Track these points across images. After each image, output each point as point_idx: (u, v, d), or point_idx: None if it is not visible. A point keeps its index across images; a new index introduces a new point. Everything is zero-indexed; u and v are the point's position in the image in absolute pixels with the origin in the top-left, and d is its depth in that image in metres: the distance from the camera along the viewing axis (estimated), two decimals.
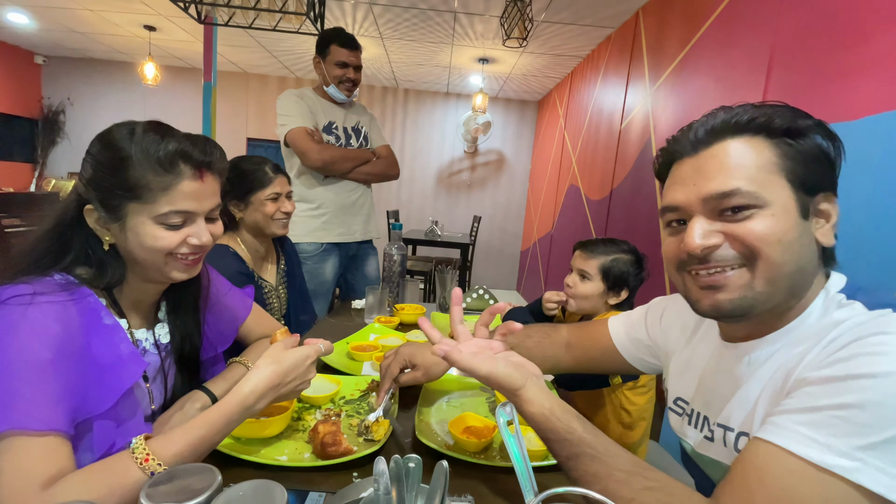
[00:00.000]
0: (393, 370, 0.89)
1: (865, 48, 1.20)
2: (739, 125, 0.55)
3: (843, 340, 0.48)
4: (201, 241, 0.71)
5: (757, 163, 0.53)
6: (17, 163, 5.14)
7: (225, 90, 5.15)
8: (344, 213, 1.97)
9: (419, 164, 5.62)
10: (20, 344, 0.56)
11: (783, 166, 0.53)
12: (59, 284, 0.64)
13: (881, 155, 1.12)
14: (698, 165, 0.56)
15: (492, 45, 3.68)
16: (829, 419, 0.44)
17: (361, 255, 2.10)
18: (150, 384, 0.76)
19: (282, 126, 1.88)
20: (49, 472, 0.53)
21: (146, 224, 0.66)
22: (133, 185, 0.65)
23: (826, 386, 0.46)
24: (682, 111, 2.15)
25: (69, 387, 0.59)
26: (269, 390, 0.66)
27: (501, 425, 0.58)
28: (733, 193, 0.52)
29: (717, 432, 0.60)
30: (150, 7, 3.47)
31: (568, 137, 4.09)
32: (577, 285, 1.29)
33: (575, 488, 0.44)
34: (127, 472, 0.55)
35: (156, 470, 0.56)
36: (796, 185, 0.53)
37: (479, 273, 5.71)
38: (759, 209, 0.52)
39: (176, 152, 0.66)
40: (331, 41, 1.91)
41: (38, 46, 4.94)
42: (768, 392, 0.54)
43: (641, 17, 2.74)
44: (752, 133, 0.54)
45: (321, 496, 0.63)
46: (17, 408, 0.54)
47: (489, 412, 0.91)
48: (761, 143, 0.54)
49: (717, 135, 0.55)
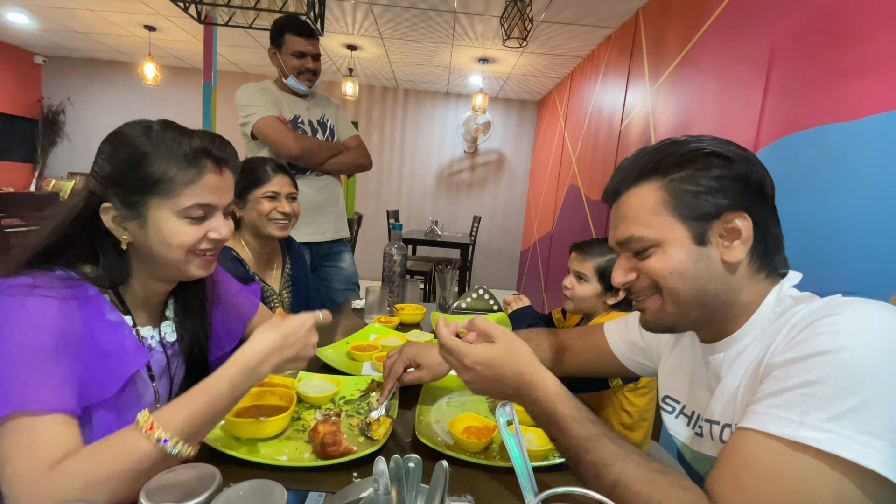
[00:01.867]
0: (397, 369, 0.89)
1: (865, 48, 1.20)
2: (630, 177, 0.62)
3: (801, 325, 0.52)
4: (221, 235, 0.72)
5: (646, 207, 0.60)
6: (17, 163, 5.14)
7: (225, 90, 5.14)
8: (314, 212, 1.87)
9: (419, 164, 5.61)
10: (19, 332, 0.56)
11: (670, 204, 0.59)
12: (61, 279, 0.63)
13: (881, 155, 1.12)
14: (613, 215, 0.66)
15: (492, 45, 3.68)
16: (798, 398, 0.47)
17: (335, 252, 2.00)
18: (155, 382, 0.75)
19: (247, 117, 1.76)
20: (57, 451, 0.53)
21: (169, 219, 0.67)
22: (157, 179, 0.66)
23: (790, 367, 0.50)
24: (683, 111, 2.15)
25: (72, 372, 0.59)
26: (272, 352, 0.65)
27: (501, 425, 0.58)
28: (630, 240, 0.62)
29: (705, 427, 0.64)
30: (150, 7, 3.47)
31: (568, 137, 4.09)
32: (574, 287, 1.29)
33: (575, 488, 0.44)
34: (134, 444, 0.55)
35: (161, 437, 0.55)
36: (686, 218, 0.58)
37: (479, 273, 5.71)
38: (655, 248, 0.60)
39: (200, 148, 0.68)
40: (285, 30, 1.80)
41: (38, 46, 4.94)
42: (745, 384, 0.58)
43: (641, 17, 2.74)
44: (645, 178, 0.61)
45: (321, 496, 0.63)
46: (19, 391, 0.54)
47: (489, 412, 0.91)
48: (651, 188, 0.60)
49: (620, 189, 0.64)
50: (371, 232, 5.52)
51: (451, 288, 1.69)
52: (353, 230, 3.40)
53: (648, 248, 0.60)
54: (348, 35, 3.75)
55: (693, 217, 0.58)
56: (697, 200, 0.58)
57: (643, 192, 0.61)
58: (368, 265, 5.50)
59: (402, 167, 5.61)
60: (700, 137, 0.61)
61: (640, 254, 0.61)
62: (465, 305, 1.75)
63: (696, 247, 0.58)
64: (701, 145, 0.59)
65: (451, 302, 1.72)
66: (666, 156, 0.60)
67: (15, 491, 0.52)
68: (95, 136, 5.33)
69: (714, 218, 0.58)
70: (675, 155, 0.59)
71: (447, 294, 1.68)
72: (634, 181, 0.62)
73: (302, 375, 0.97)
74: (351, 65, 4.56)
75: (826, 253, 1.24)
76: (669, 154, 0.60)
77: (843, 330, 0.47)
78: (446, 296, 1.68)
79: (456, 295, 1.77)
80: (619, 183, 0.64)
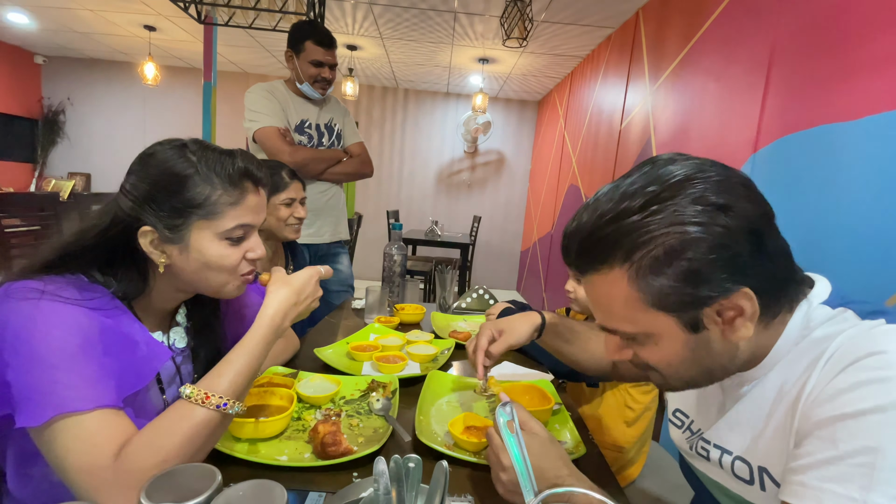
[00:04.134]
0: (482, 343, 0.88)
1: (865, 48, 1.20)
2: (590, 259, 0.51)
3: (839, 361, 0.45)
4: (258, 255, 0.73)
5: (619, 301, 0.50)
6: (17, 163, 5.14)
7: (225, 90, 5.15)
8: (315, 216, 1.90)
9: (419, 164, 5.62)
10: (43, 334, 0.55)
11: (648, 300, 0.49)
12: (72, 283, 0.63)
13: (881, 155, 1.12)
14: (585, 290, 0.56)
15: (492, 45, 3.68)
16: (854, 469, 0.41)
17: (332, 254, 2.03)
18: (165, 394, 0.73)
19: (251, 122, 1.80)
20: (115, 442, 0.54)
21: (212, 242, 0.67)
22: (202, 201, 0.66)
23: (837, 426, 0.43)
24: (683, 111, 2.15)
25: (103, 366, 0.58)
26: (290, 308, 0.72)
27: (501, 425, 0.58)
28: (616, 332, 0.55)
29: (713, 452, 0.59)
30: (150, 7, 3.47)
31: (568, 137, 4.09)
32: (577, 290, 1.30)
33: (575, 488, 0.44)
34: (192, 415, 0.58)
35: (219, 403, 0.60)
36: (670, 311, 0.49)
37: (479, 273, 5.71)
38: (645, 339, 0.53)
39: (243, 169, 0.69)
40: (306, 37, 1.81)
41: (38, 46, 4.94)
42: (775, 421, 0.51)
43: (641, 17, 2.74)
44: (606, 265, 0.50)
45: (321, 496, 0.63)
46: (59, 394, 0.54)
47: (489, 412, 0.91)
48: (618, 278, 0.49)
49: (582, 269, 0.53)
50: (371, 232, 5.52)
51: (451, 288, 1.69)
52: (352, 230, 3.40)
53: (638, 339, 0.54)
54: (348, 35, 3.75)
55: (676, 309, 0.49)
56: (674, 295, 0.47)
57: (610, 283, 0.50)
58: (368, 265, 5.50)
59: (402, 167, 5.62)
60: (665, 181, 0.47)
61: (630, 340, 0.55)
62: (465, 305, 1.75)
63: (690, 335, 0.50)
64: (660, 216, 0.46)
65: (451, 302, 1.72)
66: (623, 235, 0.48)
67: (83, 485, 0.52)
68: (95, 136, 5.33)
69: (704, 305, 0.48)
70: (633, 234, 0.47)
71: (447, 294, 1.68)
72: (595, 266, 0.51)
73: (302, 375, 0.97)
74: (351, 65, 4.56)
75: (825, 253, 1.24)
76: (627, 232, 0.47)
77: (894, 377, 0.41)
78: (446, 296, 1.68)
79: (456, 295, 1.77)
80: (579, 261, 0.53)
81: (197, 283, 0.70)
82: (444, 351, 1.21)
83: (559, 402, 0.94)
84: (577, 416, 0.94)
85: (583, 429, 0.88)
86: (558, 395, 0.98)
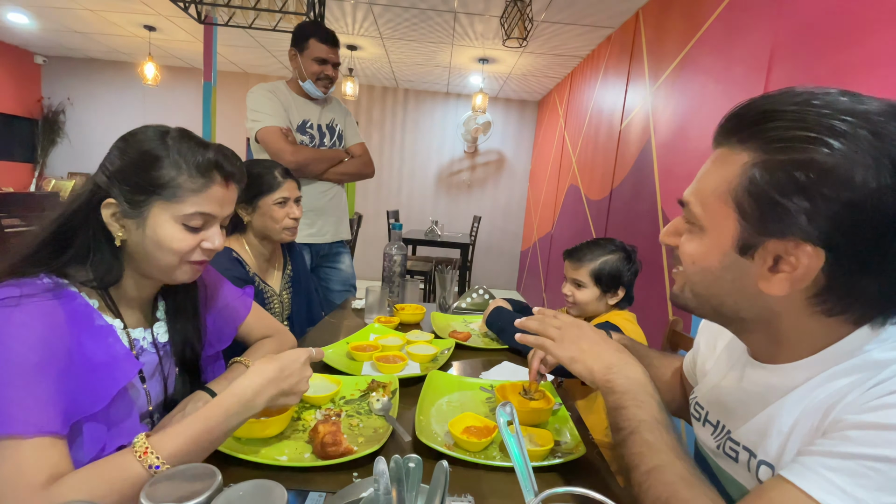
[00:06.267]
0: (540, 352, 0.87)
1: (865, 48, 1.20)
2: (727, 129, 0.50)
3: (891, 385, 0.43)
4: (214, 246, 0.74)
5: (715, 184, 0.50)
6: (17, 163, 5.14)
7: (225, 90, 5.15)
8: (316, 216, 1.92)
9: (419, 164, 5.62)
10: (4, 348, 0.56)
11: (740, 197, 0.47)
12: (47, 287, 0.63)
13: None
14: (712, 156, 0.54)
15: (492, 45, 3.68)
16: (862, 468, 0.40)
17: (334, 253, 2.04)
18: (146, 384, 0.76)
19: (253, 122, 1.82)
20: (45, 473, 0.53)
21: (168, 223, 0.69)
22: (165, 182, 0.68)
23: (865, 432, 0.42)
24: (683, 111, 2.15)
25: (59, 387, 0.58)
26: (268, 384, 0.67)
27: (501, 425, 0.58)
28: (684, 204, 0.55)
29: (741, 454, 0.57)
30: (150, 7, 3.47)
31: (568, 137, 4.09)
32: (574, 294, 1.30)
33: (575, 488, 0.44)
34: (127, 468, 0.56)
35: (154, 463, 0.56)
36: (744, 218, 0.47)
37: (479, 273, 5.71)
38: (697, 229, 0.53)
39: (213, 161, 0.71)
40: (310, 35, 1.83)
41: (38, 46, 4.94)
42: (805, 426, 0.49)
43: (641, 17, 2.74)
44: (747, 143, 0.47)
45: (321, 496, 0.63)
46: (6, 412, 0.54)
47: (489, 412, 0.91)
48: (738, 160, 0.48)
49: (721, 137, 0.52)
50: (371, 232, 5.53)
51: (451, 288, 1.69)
52: (352, 230, 3.40)
53: (693, 224, 0.54)
54: (348, 35, 3.75)
55: (753, 220, 0.47)
56: (765, 205, 0.45)
57: (730, 161, 0.48)
58: (368, 265, 5.50)
59: (402, 167, 5.62)
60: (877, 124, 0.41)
61: (688, 222, 0.55)
62: (465, 305, 1.75)
63: (734, 253, 0.49)
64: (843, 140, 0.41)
65: (451, 302, 1.72)
66: (793, 121, 0.44)
67: None
68: (95, 136, 5.33)
69: (776, 235, 0.45)
70: (800, 128, 0.43)
71: (447, 294, 1.68)
72: (732, 134, 0.49)
73: None
74: (351, 65, 4.56)
75: None
76: (798, 119, 0.44)
77: None
78: (446, 296, 1.68)
79: (456, 295, 1.77)
80: (723, 130, 0.51)
81: (149, 263, 0.71)
82: (444, 351, 1.21)
83: (559, 402, 0.94)
84: (577, 416, 0.94)
85: (583, 429, 0.88)
86: (558, 395, 0.98)
